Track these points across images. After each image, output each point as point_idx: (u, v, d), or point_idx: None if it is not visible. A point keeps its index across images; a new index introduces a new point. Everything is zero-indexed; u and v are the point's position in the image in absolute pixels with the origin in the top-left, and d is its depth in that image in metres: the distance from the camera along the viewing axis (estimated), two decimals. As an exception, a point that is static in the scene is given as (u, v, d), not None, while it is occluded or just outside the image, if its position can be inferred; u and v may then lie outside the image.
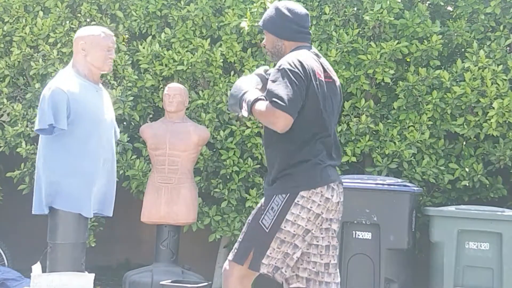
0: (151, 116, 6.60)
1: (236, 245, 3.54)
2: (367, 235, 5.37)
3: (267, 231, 3.44)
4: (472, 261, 5.30)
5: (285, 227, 3.43)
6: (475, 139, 5.96)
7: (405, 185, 5.40)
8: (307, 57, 3.48)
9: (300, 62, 3.41)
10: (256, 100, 3.43)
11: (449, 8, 6.33)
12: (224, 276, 3.53)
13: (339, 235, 5.38)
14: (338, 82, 3.65)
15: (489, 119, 5.69)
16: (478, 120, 5.78)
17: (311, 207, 3.44)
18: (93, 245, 6.27)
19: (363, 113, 5.96)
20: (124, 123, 6.45)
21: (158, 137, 5.86)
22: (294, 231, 3.44)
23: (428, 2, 6.24)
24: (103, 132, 4.22)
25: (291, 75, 3.36)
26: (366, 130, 5.94)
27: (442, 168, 5.88)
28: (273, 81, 3.39)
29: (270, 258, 3.45)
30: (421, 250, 5.99)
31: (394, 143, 5.86)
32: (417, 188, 5.55)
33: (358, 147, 5.95)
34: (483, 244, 5.29)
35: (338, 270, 3.60)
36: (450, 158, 6.00)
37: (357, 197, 5.35)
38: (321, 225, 3.51)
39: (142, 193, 6.19)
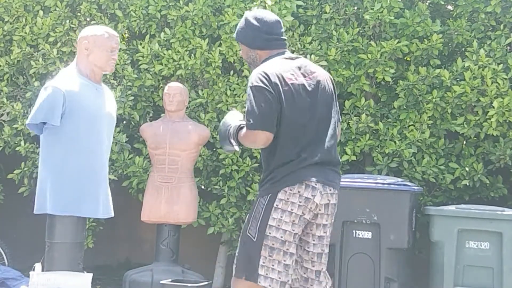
0: (151, 115, 6.60)
1: (235, 260, 3.57)
2: (367, 235, 5.37)
3: (254, 240, 3.45)
4: (472, 260, 5.30)
5: (270, 233, 3.43)
6: (475, 138, 5.95)
7: (405, 185, 5.39)
8: (273, 66, 3.50)
9: (264, 73, 3.44)
10: (238, 129, 3.54)
11: (449, 7, 6.32)
12: None
13: (339, 235, 5.37)
14: (324, 77, 3.62)
15: (489, 118, 5.68)
16: (478, 119, 5.78)
17: (292, 210, 3.43)
18: (90, 246, 6.27)
19: (363, 112, 5.96)
20: (124, 122, 6.45)
21: (158, 136, 5.85)
22: (281, 236, 3.42)
23: (428, 1, 6.23)
24: (101, 130, 4.21)
25: (255, 91, 3.41)
26: (366, 129, 5.94)
27: (442, 167, 5.87)
28: (247, 101, 3.45)
29: (266, 268, 3.42)
30: (421, 249, 5.98)
31: (395, 142, 5.86)
32: (418, 188, 5.54)
33: (358, 146, 5.94)
34: (483, 243, 5.28)
35: (327, 276, 3.62)
36: (450, 157, 5.99)
37: (357, 196, 5.35)
38: (308, 229, 3.51)
39: (142, 192, 6.20)
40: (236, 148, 3.59)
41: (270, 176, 3.49)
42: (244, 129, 3.48)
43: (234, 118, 3.64)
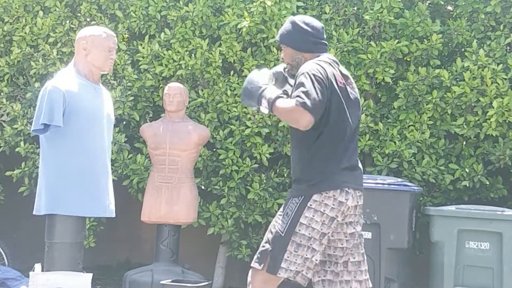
0: (151, 115, 6.60)
1: (260, 249, 3.64)
2: (368, 235, 5.37)
3: (282, 235, 3.54)
4: (472, 260, 5.30)
5: (299, 230, 3.52)
6: (475, 139, 5.95)
7: (405, 185, 5.40)
8: (326, 64, 3.60)
9: (321, 67, 3.53)
10: (277, 97, 3.53)
11: (449, 8, 6.32)
12: (249, 283, 3.62)
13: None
14: (356, 89, 3.75)
15: (489, 119, 5.68)
16: (478, 120, 5.78)
17: (324, 210, 3.53)
18: (92, 246, 6.27)
19: (363, 113, 5.96)
20: (124, 122, 6.45)
21: (158, 136, 5.85)
22: (309, 234, 3.52)
23: (428, 2, 6.23)
24: (100, 130, 4.21)
25: (314, 79, 3.46)
26: (366, 130, 5.94)
27: (442, 168, 5.87)
28: (299, 84, 3.47)
29: (289, 262, 3.52)
30: (421, 249, 5.98)
31: (394, 142, 5.86)
32: (417, 188, 5.55)
33: (358, 147, 5.94)
34: (483, 243, 5.29)
35: (363, 266, 3.67)
36: (450, 158, 5.99)
37: (357, 196, 5.35)
38: (338, 229, 3.60)
39: (142, 192, 6.20)
40: (265, 111, 3.57)
41: (308, 177, 3.57)
42: (287, 101, 3.48)
43: (264, 78, 3.65)
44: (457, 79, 5.86)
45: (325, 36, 3.80)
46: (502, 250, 5.22)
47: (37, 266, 4.13)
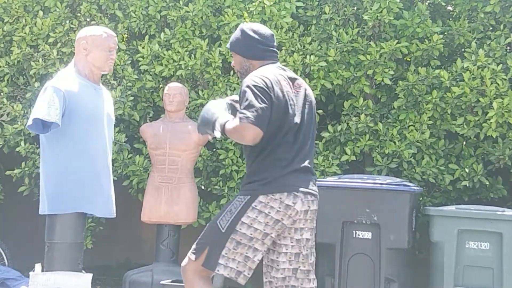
0: (151, 115, 6.60)
1: (195, 243, 3.65)
2: (367, 235, 5.37)
3: (223, 231, 3.55)
4: (472, 261, 5.30)
5: (240, 229, 3.53)
6: (475, 139, 5.95)
7: (405, 185, 5.39)
8: (270, 71, 3.64)
9: (263, 76, 3.58)
10: (227, 121, 3.59)
11: (450, 8, 6.32)
12: (182, 272, 3.66)
13: (339, 235, 5.38)
14: (308, 90, 3.78)
15: (489, 119, 5.68)
16: (478, 120, 5.77)
17: (269, 212, 3.53)
18: (89, 247, 6.27)
19: (362, 113, 5.96)
20: (124, 122, 6.45)
21: (158, 136, 5.85)
22: (251, 234, 3.53)
23: (428, 2, 6.23)
24: (101, 130, 4.21)
25: (255, 90, 3.51)
26: (365, 130, 5.94)
27: (442, 168, 5.87)
28: (241, 99, 3.54)
29: (227, 259, 3.54)
30: (421, 250, 5.98)
31: (394, 142, 5.86)
32: (418, 188, 5.54)
33: (358, 147, 5.94)
34: (483, 244, 5.28)
35: (311, 276, 3.67)
36: (450, 158, 5.99)
37: (357, 196, 5.35)
38: (286, 233, 3.60)
39: (142, 192, 6.20)
40: (217, 134, 3.64)
41: (255, 177, 3.59)
42: (234, 121, 3.54)
43: (219, 107, 3.72)
44: (457, 80, 5.85)
45: (275, 44, 3.83)
46: (502, 250, 5.22)
47: (37, 266, 4.13)
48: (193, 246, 3.64)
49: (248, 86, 3.53)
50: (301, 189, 3.59)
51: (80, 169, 4.10)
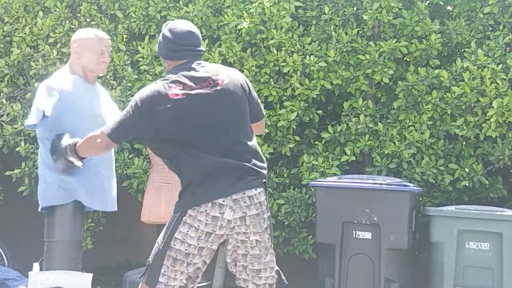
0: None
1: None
2: (367, 235, 5.37)
3: (160, 248, 3.47)
4: (472, 261, 5.30)
5: (174, 245, 3.43)
6: (475, 139, 5.95)
7: (405, 185, 5.39)
8: (154, 86, 3.47)
9: (143, 94, 3.46)
10: (75, 141, 3.75)
11: (449, 8, 6.32)
12: None
13: (339, 235, 5.38)
14: (232, 82, 3.54)
15: (489, 119, 5.68)
16: (478, 120, 5.77)
17: (198, 226, 3.40)
18: (89, 247, 6.27)
19: (361, 113, 5.96)
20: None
21: (158, 137, 5.85)
22: (186, 249, 3.43)
23: (427, 1, 6.23)
24: (96, 127, 4.21)
25: (130, 105, 3.48)
26: (365, 130, 5.94)
27: (441, 168, 5.87)
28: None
29: (167, 277, 3.44)
30: (421, 250, 5.98)
31: (394, 143, 5.86)
32: (417, 188, 5.55)
33: (357, 147, 5.94)
34: (483, 244, 5.29)
35: (263, 274, 3.55)
36: (450, 158, 5.99)
37: (357, 197, 5.35)
38: (228, 238, 3.48)
39: (142, 192, 6.20)
40: (78, 163, 3.75)
41: (181, 193, 3.48)
42: (84, 139, 3.68)
43: (64, 140, 3.86)
44: (457, 80, 5.85)
45: (195, 41, 3.61)
46: (502, 251, 5.22)
47: (35, 266, 4.13)
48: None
49: (128, 105, 3.51)
50: (226, 196, 3.40)
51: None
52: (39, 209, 4.23)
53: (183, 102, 3.42)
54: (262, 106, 3.77)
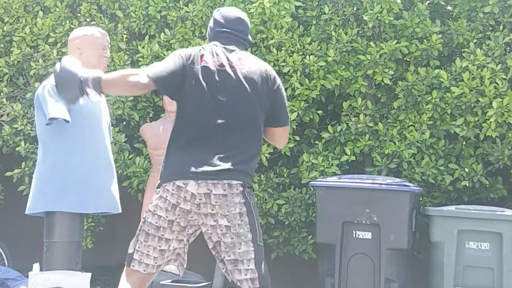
0: (151, 115, 6.60)
1: None
2: (367, 235, 5.37)
3: (140, 225, 3.49)
4: (472, 261, 5.30)
5: (147, 218, 3.44)
6: (474, 139, 5.95)
7: (405, 185, 5.40)
8: (191, 48, 3.55)
9: (182, 50, 3.51)
10: (100, 74, 3.43)
11: (449, 8, 6.32)
12: None
13: (339, 235, 5.38)
14: (258, 74, 3.52)
15: (488, 119, 5.68)
16: (478, 120, 5.77)
17: (166, 196, 3.38)
18: (89, 247, 6.26)
19: (361, 113, 5.96)
20: (124, 122, 6.45)
21: (158, 136, 5.85)
22: (156, 222, 3.41)
23: (427, 2, 6.23)
24: (100, 128, 4.22)
25: (172, 56, 3.45)
26: (365, 130, 5.94)
27: (441, 168, 5.87)
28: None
29: (141, 254, 3.43)
30: (421, 250, 5.98)
31: (394, 143, 5.86)
32: (417, 188, 5.55)
33: (358, 147, 5.95)
34: (483, 244, 5.29)
35: (241, 266, 3.42)
36: (450, 158, 5.99)
37: (357, 197, 5.35)
38: (198, 220, 3.42)
39: (142, 192, 6.20)
40: (95, 97, 3.49)
41: (163, 162, 3.47)
42: (116, 72, 3.48)
43: (78, 66, 3.55)
44: (457, 80, 5.86)
45: (240, 28, 3.66)
46: (502, 251, 5.22)
47: (35, 266, 4.13)
48: None
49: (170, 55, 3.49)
50: (198, 169, 3.34)
51: (82, 167, 4.10)
52: (32, 212, 4.18)
53: (208, 71, 3.43)
54: (288, 113, 3.69)
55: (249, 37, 3.72)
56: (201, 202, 3.37)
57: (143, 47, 6.32)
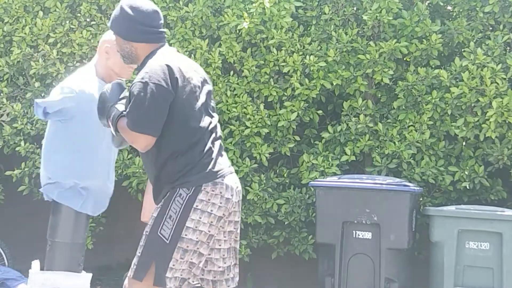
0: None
1: (135, 260, 3.34)
2: (367, 235, 5.37)
3: (167, 242, 3.21)
4: (472, 261, 5.30)
5: (186, 235, 3.21)
6: (474, 140, 5.94)
7: (405, 185, 5.40)
8: (172, 58, 3.28)
9: (165, 67, 3.21)
10: (119, 116, 3.27)
11: (449, 8, 6.32)
12: None
13: (339, 235, 5.38)
14: (206, 76, 3.47)
15: (488, 119, 5.67)
16: (478, 121, 5.77)
17: (211, 211, 3.23)
18: (90, 247, 6.26)
19: (361, 113, 5.96)
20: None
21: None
22: (197, 238, 3.22)
23: (427, 2, 6.23)
24: (108, 131, 4.22)
25: (154, 89, 3.16)
26: (365, 130, 5.94)
27: (441, 168, 5.87)
28: (134, 96, 3.19)
29: (174, 271, 3.22)
30: (421, 250, 5.98)
31: (394, 143, 5.86)
32: (418, 188, 5.55)
33: (357, 147, 5.94)
34: (483, 244, 5.29)
35: (237, 270, 3.42)
36: (450, 159, 5.99)
37: (357, 197, 5.35)
38: (223, 227, 3.32)
39: (142, 192, 6.20)
40: (113, 132, 3.32)
41: (178, 178, 3.25)
42: (124, 121, 3.23)
43: (116, 94, 3.37)
44: (457, 79, 5.85)
45: (160, 22, 3.39)
46: (502, 251, 5.22)
47: (34, 263, 4.13)
48: (135, 264, 3.34)
49: (146, 83, 3.16)
50: (230, 177, 3.31)
51: (91, 175, 4.09)
52: (46, 198, 4.15)
53: (195, 84, 3.32)
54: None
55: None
56: (233, 211, 3.36)
57: (143, 47, 6.31)
